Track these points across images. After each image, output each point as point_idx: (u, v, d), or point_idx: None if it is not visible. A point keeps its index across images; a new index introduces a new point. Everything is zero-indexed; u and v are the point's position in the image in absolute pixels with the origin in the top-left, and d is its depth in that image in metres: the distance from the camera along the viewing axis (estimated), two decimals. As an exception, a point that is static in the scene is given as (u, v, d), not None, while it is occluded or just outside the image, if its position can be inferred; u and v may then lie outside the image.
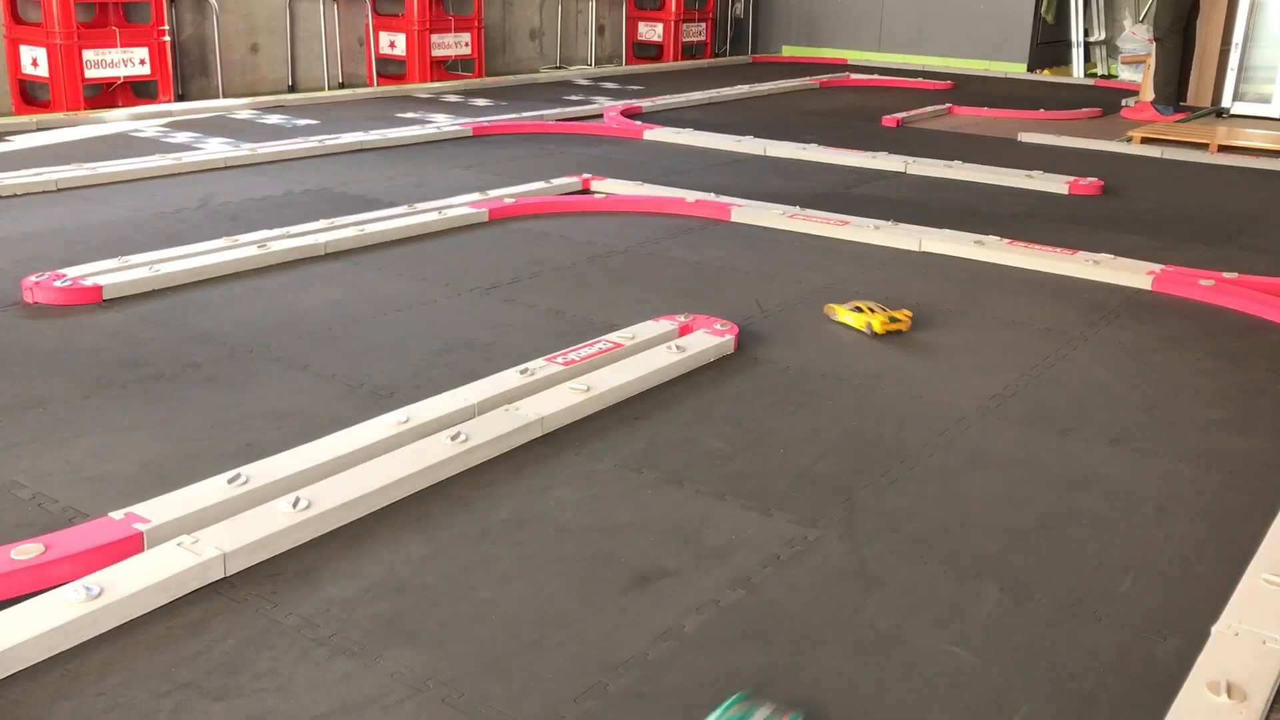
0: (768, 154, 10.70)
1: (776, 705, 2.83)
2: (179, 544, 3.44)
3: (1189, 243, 7.78)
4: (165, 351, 5.26)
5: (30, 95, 12.05)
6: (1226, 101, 13.71)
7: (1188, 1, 13.41)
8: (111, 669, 2.99)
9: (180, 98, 12.78)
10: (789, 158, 10.59)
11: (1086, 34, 18.59)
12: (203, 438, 4.39)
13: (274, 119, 11.94)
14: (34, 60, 11.66)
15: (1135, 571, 3.63)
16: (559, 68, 17.50)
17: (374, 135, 10.63)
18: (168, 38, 12.21)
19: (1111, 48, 18.62)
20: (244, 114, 12.17)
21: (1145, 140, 11.74)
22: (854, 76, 17.33)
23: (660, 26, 18.92)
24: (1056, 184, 9.42)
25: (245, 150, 9.69)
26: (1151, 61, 14.01)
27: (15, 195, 8.11)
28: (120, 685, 2.93)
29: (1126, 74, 17.51)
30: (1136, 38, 17.31)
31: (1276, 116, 13.37)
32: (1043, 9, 18.19)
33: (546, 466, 4.23)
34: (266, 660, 3.05)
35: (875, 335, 5.62)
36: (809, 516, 3.91)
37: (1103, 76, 18.38)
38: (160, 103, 12.23)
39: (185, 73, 13.09)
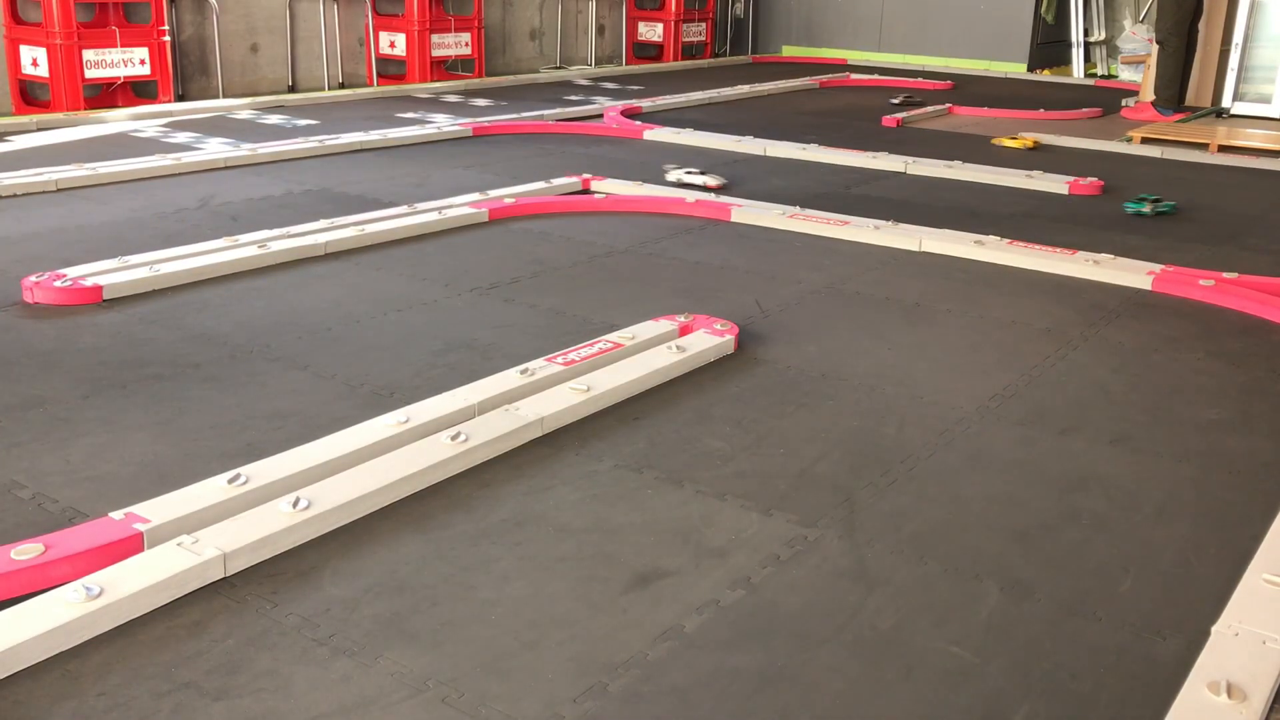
0: (768, 154, 10.70)
1: None
2: (179, 544, 3.44)
3: (1189, 243, 7.79)
4: (165, 351, 5.26)
5: (30, 95, 12.05)
6: (1226, 101, 13.71)
7: (1190, 4, 13.42)
8: (111, 669, 2.99)
9: (180, 98, 12.79)
10: (789, 158, 10.58)
11: (1086, 34, 18.59)
12: (203, 438, 4.39)
13: (274, 119, 11.94)
14: (34, 60, 11.67)
15: (1135, 571, 3.64)
16: (559, 68, 17.50)
17: (374, 135, 10.63)
18: (168, 38, 12.21)
19: (1111, 48, 18.62)
20: (244, 114, 12.18)
21: (1145, 140, 11.74)
22: (854, 76, 17.33)
23: (660, 26, 18.92)
24: (1057, 184, 9.41)
25: (245, 150, 9.69)
26: (1152, 61, 14.01)
27: (15, 195, 8.11)
28: (120, 685, 2.93)
29: (1126, 74, 17.52)
30: (1136, 38, 17.32)
31: (1276, 116, 13.37)
32: (1043, 9, 18.19)
33: (546, 466, 4.23)
34: (266, 660, 3.05)
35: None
36: (809, 516, 3.91)
37: (1103, 76, 18.38)
38: (160, 103, 12.23)
39: (185, 73, 13.09)
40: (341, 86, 14.64)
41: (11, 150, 9.74)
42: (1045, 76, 18.03)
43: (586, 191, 8.81)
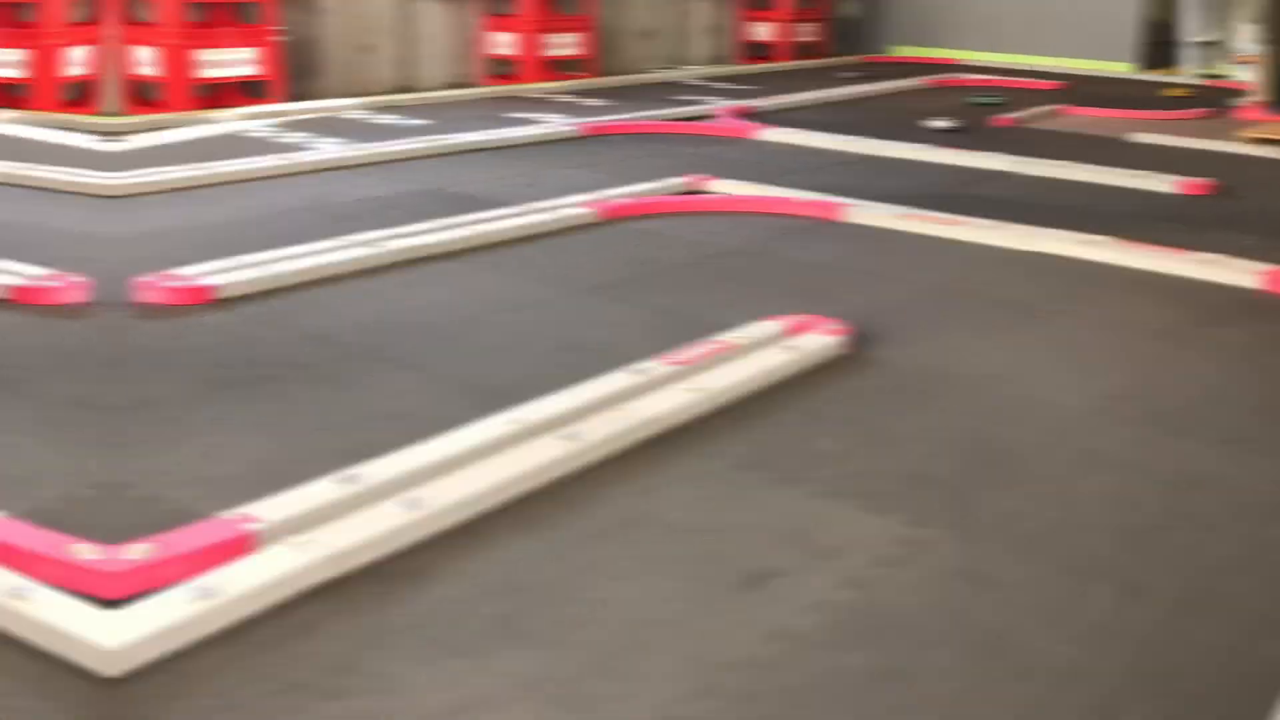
0: (880, 154, 10.63)
1: None
2: (290, 544, 3.47)
3: (1304, 244, 7.69)
4: (278, 352, 5.30)
5: (141, 95, 12.16)
6: (1343, 100, 13.51)
7: (1299, 3, 13.24)
8: (223, 670, 3.02)
9: (291, 98, 12.88)
10: (901, 158, 10.51)
11: (1198, 34, 18.39)
12: (315, 438, 4.42)
13: (385, 119, 12.00)
14: (145, 60, 11.78)
15: (1247, 572, 3.60)
16: (670, 67, 17.48)
17: (484, 135, 10.66)
18: (279, 38, 12.31)
19: (1224, 48, 18.41)
20: (354, 114, 12.24)
21: (1259, 140, 11.58)
22: (965, 76, 17.21)
23: (772, 26, 18.85)
24: (1166, 184, 9.30)
25: (356, 150, 9.76)
26: (1264, 62, 13.81)
27: (127, 195, 8.20)
28: (232, 686, 2.95)
29: (1239, 74, 17.31)
30: (1249, 38, 17.11)
31: (1398, 114, 13.17)
32: (1154, 9, 18.00)
33: (658, 467, 4.23)
34: (378, 660, 3.06)
35: None
36: (920, 516, 3.89)
37: (1214, 77, 18.18)
38: (271, 103, 12.32)
39: (296, 73, 13.18)
40: (452, 86, 14.69)
41: (123, 150, 9.84)
42: (1156, 76, 17.85)
43: (698, 191, 8.80)
